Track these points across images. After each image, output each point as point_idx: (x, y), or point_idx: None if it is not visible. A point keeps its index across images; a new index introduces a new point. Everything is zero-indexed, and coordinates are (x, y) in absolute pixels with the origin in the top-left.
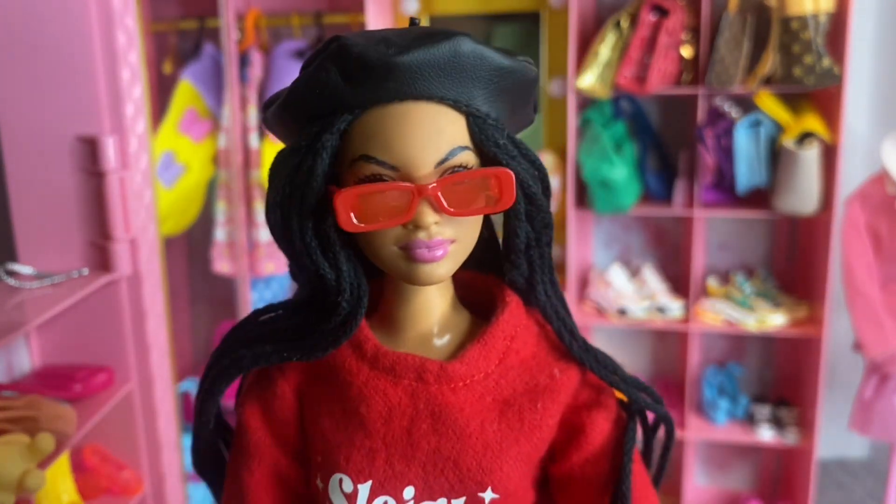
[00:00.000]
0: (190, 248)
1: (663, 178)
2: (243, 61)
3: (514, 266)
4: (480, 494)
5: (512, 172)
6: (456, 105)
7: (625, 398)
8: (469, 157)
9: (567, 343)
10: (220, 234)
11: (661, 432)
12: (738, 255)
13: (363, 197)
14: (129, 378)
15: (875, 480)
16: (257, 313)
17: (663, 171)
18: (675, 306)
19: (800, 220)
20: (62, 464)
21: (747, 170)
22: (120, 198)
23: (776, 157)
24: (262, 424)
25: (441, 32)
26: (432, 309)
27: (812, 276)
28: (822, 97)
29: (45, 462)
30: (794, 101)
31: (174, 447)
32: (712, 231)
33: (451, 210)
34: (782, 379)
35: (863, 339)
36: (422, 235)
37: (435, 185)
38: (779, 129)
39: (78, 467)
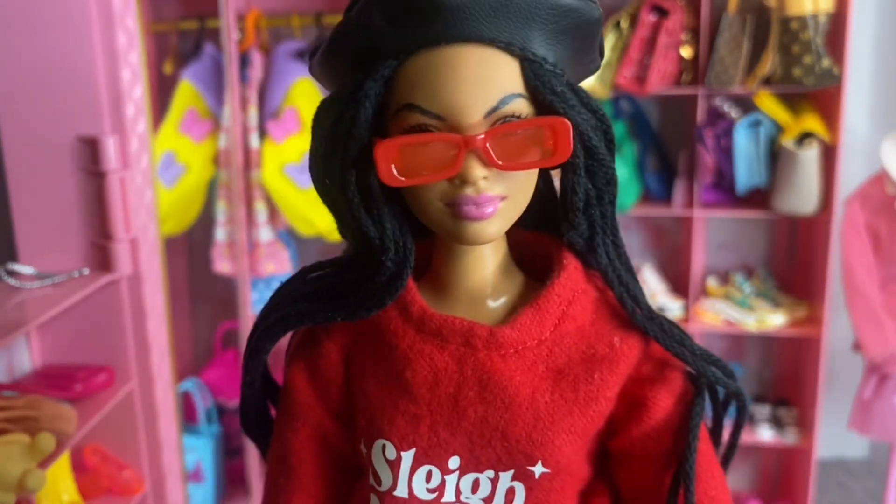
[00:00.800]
0: (190, 248)
1: (663, 178)
2: (244, 61)
3: (573, 226)
4: (530, 468)
5: (569, 122)
6: (509, 48)
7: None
8: (523, 106)
9: (629, 310)
10: (220, 234)
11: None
12: (738, 255)
13: (405, 148)
14: (129, 378)
15: (875, 480)
16: (305, 271)
17: (663, 171)
18: (674, 306)
19: (799, 220)
20: (63, 464)
21: (747, 170)
22: (120, 198)
23: (776, 158)
24: (307, 385)
25: None
26: (483, 270)
27: (812, 276)
28: (822, 97)
29: (45, 462)
30: (794, 101)
31: (175, 447)
32: (712, 231)
33: (501, 164)
34: (782, 379)
35: (862, 339)
36: (469, 191)
37: (483, 136)
38: (778, 129)
39: (78, 467)
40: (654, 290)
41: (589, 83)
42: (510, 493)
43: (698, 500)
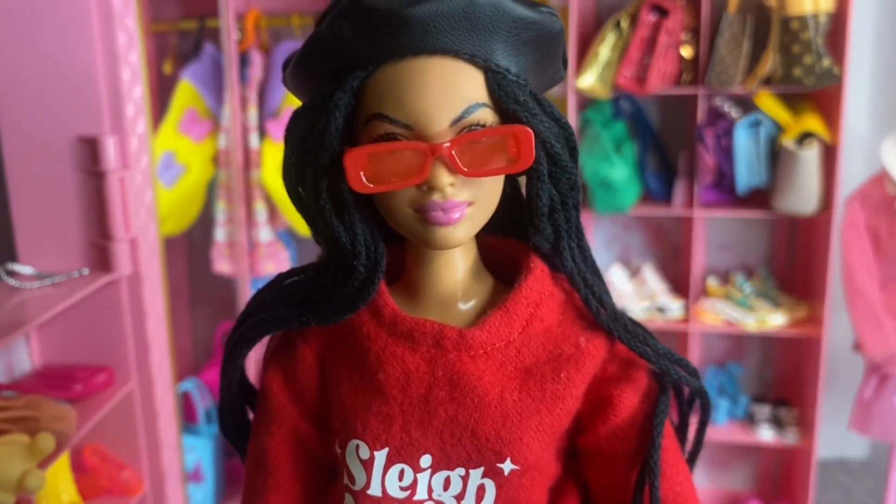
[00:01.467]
0: (190, 248)
1: (663, 178)
2: (243, 61)
3: (539, 230)
4: (499, 465)
5: (531, 130)
6: (473, 59)
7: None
8: (487, 115)
9: (594, 311)
10: (220, 234)
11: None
12: (738, 255)
13: (374, 156)
14: (129, 378)
15: (875, 480)
16: (281, 277)
17: (663, 171)
18: (675, 306)
19: (799, 220)
20: (62, 464)
21: (747, 170)
22: (120, 198)
23: (776, 157)
24: (283, 389)
25: None
26: (453, 274)
27: (812, 276)
28: (822, 97)
29: (45, 462)
30: (794, 101)
31: (174, 447)
32: (712, 231)
33: (467, 170)
34: (782, 379)
35: (862, 340)
36: (436, 197)
37: (449, 144)
38: (778, 129)
39: (78, 467)
40: (655, 290)
41: (590, 83)
42: (480, 489)
43: (663, 495)
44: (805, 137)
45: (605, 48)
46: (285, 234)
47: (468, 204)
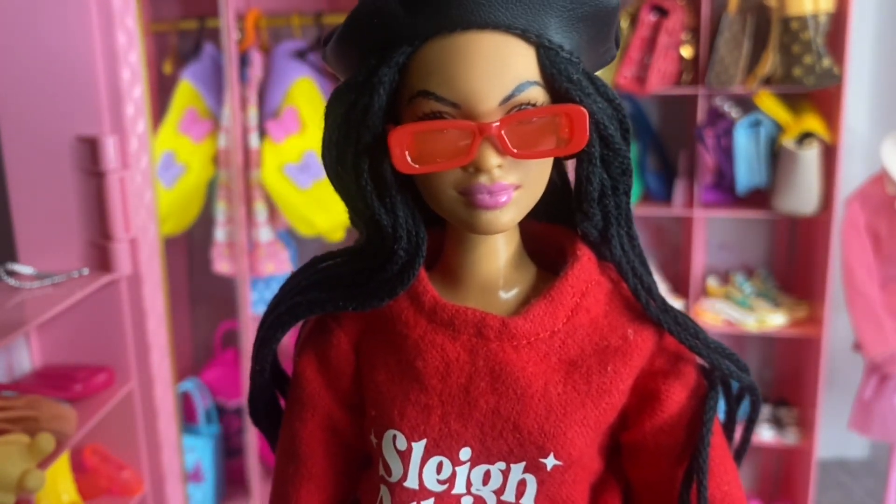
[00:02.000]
0: (190, 248)
1: (663, 178)
2: (243, 61)
3: (587, 217)
4: (542, 460)
5: (585, 110)
6: (525, 35)
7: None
8: (538, 94)
9: (643, 302)
10: (220, 234)
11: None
12: (738, 255)
13: (419, 135)
14: (129, 378)
15: (875, 480)
16: (316, 260)
17: (663, 171)
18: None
19: (799, 220)
20: (62, 464)
21: (747, 170)
22: (120, 198)
23: (776, 158)
24: (317, 375)
25: None
26: (495, 261)
27: (812, 276)
28: (822, 97)
29: (45, 462)
30: (794, 101)
31: (174, 447)
32: (712, 231)
33: (516, 152)
34: (782, 379)
35: (862, 340)
36: (483, 179)
37: (498, 123)
38: (779, 129)
39: (78, 467)
40: None
41: None
42: (521, 484)
43: (711, 495)
44: (805, 137)
45: None
46: (285, 234)
47: (515, 187)
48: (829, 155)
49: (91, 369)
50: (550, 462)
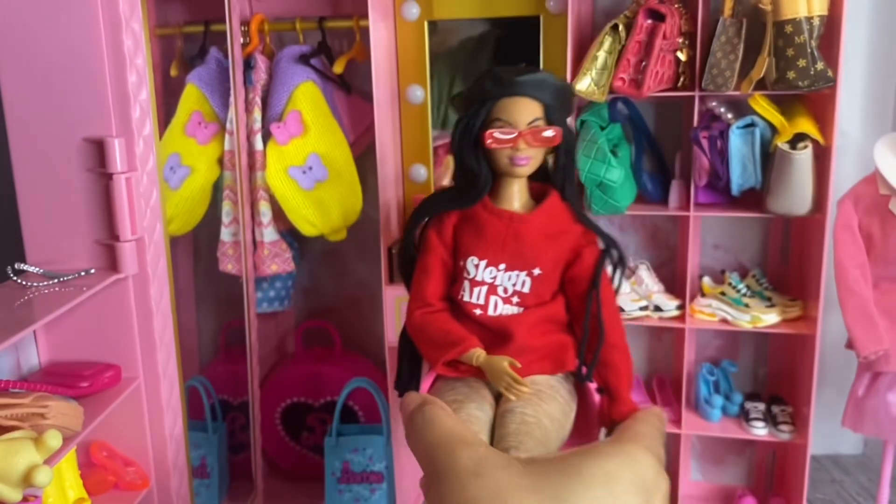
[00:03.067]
0: (196, 247)
1: (659, 179)
2: (248, 65)
3: (556, 176)
4: (533, 270)
5: (560, 129)
6: (539, 99)
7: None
8: (542, 121)
9: (577, 214)
10: (225, 234)
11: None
12: (733, 255)
13: (495, 134)
14: (136, 375)
15: (868, 476)
16: (437, 190)
17: (659, 172)
18: (670, 305)
19: (793, 220)
20: (69, 460)
21: (741, 171)
22: (127, 198)
23: (770, 159)
24: (436, 237)
25: (535, 69)
26: (518, 190)
27: (805, 276)
28: (815, 100)
29: (52, 458)
30: (788, 103)
31: (180, 443)
32: (707, 231)
33: (533, 144)
34: (776, 376)
35: (855, 338)
36: (519, 153)
37: (526, 130)
38: (772, 131)
39: (85, 463)
40: (651, 289)
41: (587, 87)
42: (523, 283)
43: (606, 345)
44: (798, 139)
45: (601, 52)
46: (288, 234)
47: (530, 158)
48: (822, 156)
49: (98, 367)
50: (537, 271)
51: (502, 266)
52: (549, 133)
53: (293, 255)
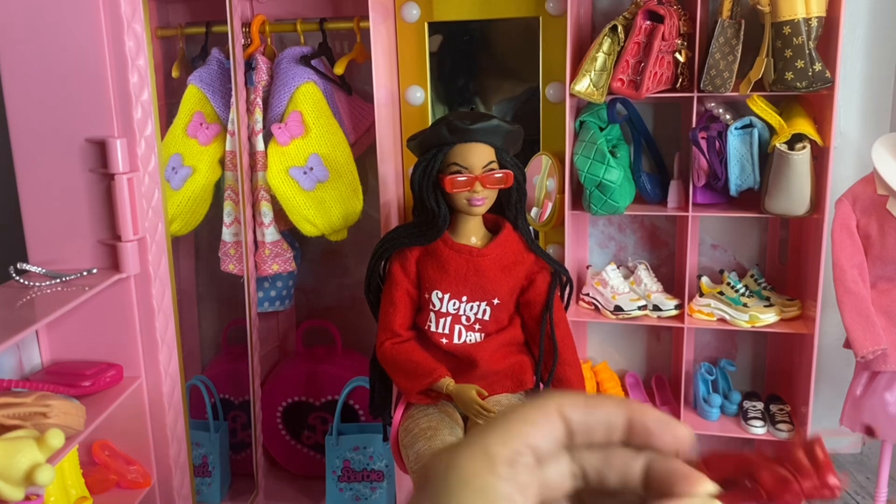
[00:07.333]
0: (197, 247)
1: (657, 179)
2: (249, 66)
3: (509, 210)
4: (492, 300)
5: (511, 172)
6: (491, 145)
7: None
8: (495, 165)
9: (530, 245)
10: (226, 234)
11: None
12: (731, 255)
13: (453, 179)
14: (137, 374)
15: (866, 475)
16: (399, 227)
17: (657, 173)
18: (669, 305)
19: (791, 220)
20: (71, 459)
21: (739, 172)
22: (129, 199)
23: (768, 160)
24: (401, 271)
25: (488, 115)
26: (475, 225)
27: (803, 275)
28: (813, 100)
29: (54, 457)
30: (786, 104)
31: (182, 442)
32: (705, 231)
33: (488, 186)
34: (774, 375)
35: (852, 337)
36: (476, 195)
37: (481, 174)
38: (770, 131)
39: (87, 462)
40: (650, 289)
41: (585, 88)
42: (484, 311)
43: (560, 363)
44: (796, 140)
45: (600, 53)
46: (289, 234)
47: (485, 199)
48: (820, 157)
49: (100, 366)
50: (496, 301)
51: (464, 297)
52: (500, 175)
53: (294, 254)
